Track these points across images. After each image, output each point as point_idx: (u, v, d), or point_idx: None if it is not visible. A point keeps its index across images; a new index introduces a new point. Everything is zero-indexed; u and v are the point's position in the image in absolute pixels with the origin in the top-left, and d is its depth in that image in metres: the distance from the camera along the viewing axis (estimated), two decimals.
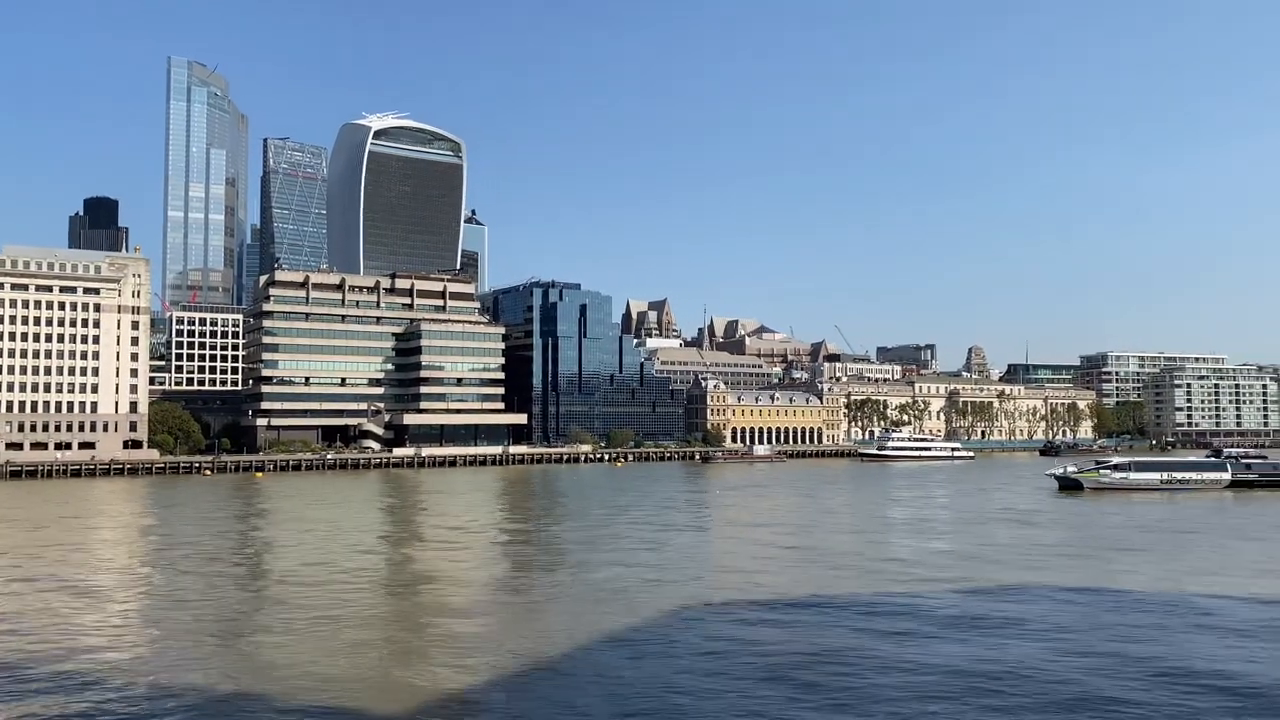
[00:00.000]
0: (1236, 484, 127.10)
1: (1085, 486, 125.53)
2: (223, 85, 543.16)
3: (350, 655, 40.21)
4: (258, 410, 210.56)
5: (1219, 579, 58.17)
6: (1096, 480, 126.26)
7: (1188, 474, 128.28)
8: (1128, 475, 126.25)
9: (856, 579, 58.61)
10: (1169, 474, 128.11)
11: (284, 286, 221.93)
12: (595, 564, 64.97)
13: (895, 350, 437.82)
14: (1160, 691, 34.08)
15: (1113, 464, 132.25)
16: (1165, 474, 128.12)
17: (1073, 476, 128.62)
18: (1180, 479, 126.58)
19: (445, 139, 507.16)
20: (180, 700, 33.81)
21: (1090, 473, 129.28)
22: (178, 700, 33.81)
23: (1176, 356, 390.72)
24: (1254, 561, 65.89)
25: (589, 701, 33.41)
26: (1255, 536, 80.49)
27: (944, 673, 36.36)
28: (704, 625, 45.01)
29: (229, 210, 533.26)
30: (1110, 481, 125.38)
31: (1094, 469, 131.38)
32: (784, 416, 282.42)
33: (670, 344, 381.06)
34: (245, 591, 56.43)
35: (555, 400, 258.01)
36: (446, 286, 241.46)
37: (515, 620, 47.51)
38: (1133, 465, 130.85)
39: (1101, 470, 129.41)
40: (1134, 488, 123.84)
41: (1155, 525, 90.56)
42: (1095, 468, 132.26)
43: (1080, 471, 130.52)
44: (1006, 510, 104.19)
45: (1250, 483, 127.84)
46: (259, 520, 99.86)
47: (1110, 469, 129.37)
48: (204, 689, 35.13)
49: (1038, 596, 52.11)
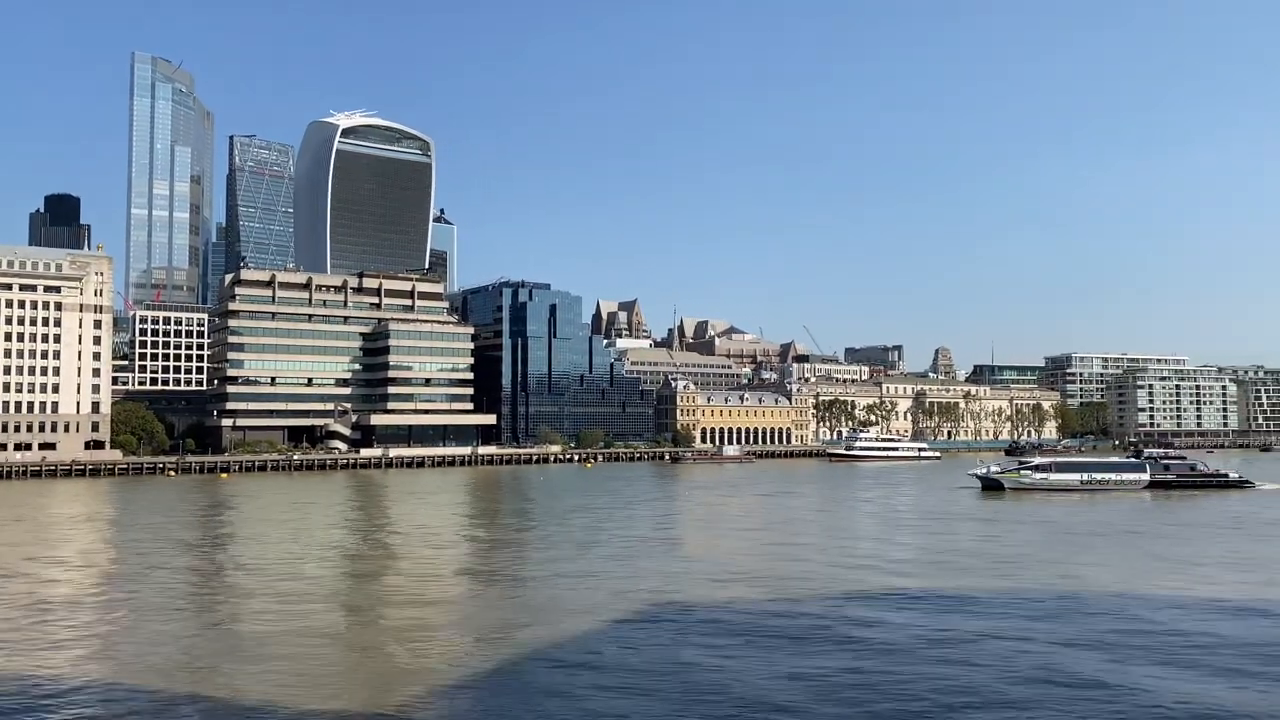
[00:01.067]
0: (1155, 485, 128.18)
1: (1006, 487, 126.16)
2: (188, 81, 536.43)
3: (307, 661, 39.83)
4: (223, 410, 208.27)
5: (1086, 581, 58.06)
6: (1017, 481, 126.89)
7: (1107, 475, 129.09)
8: (1048, 476, 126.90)
9: (700, 588, 57.82)
10: (1089, 475, 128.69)
11: (250, 285, 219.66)
12: (561, 568, 64.78)
13: (863, 351, 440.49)
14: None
15: (1033, 465, 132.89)
16: (1085, 475, 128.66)
17: (994, 477, 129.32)
18: (1100, 480, 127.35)
19: (414, 137, 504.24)
20: (134, 707, 33.34)
21: (1011, 474, 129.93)
22: (133, 708, 33.34)
23: (1139, 358, 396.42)
24: (1131, 562, 66.13)
25: (552, 710, 33.29)
26: (1153, 537, 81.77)
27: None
28: (669, 631, 45.02)
29: (194, 208, 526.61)
30: (1030, 482, 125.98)
31: (1015, 470, 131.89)
32: (753, 417, 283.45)
33: (640, 344, 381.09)
34: (203, 597, 55.77)
35: (525, 401, 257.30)
36: (415, 286, 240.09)
37: (475, 625, 47.28)
38: (1053, 466, 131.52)
39: (1022, 471, 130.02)
40: (1054, 488, 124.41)
41: (1047, 524, 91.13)
42: (1016, 469, 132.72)
43: (1002, 472, 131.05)
44: (924, 513, 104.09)
45: (1168, 483, 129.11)
46: (221, 522, 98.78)
47: (1031, 470, 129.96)
48: (159, 695, 34.63)
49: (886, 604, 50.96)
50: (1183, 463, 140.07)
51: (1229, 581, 58.00)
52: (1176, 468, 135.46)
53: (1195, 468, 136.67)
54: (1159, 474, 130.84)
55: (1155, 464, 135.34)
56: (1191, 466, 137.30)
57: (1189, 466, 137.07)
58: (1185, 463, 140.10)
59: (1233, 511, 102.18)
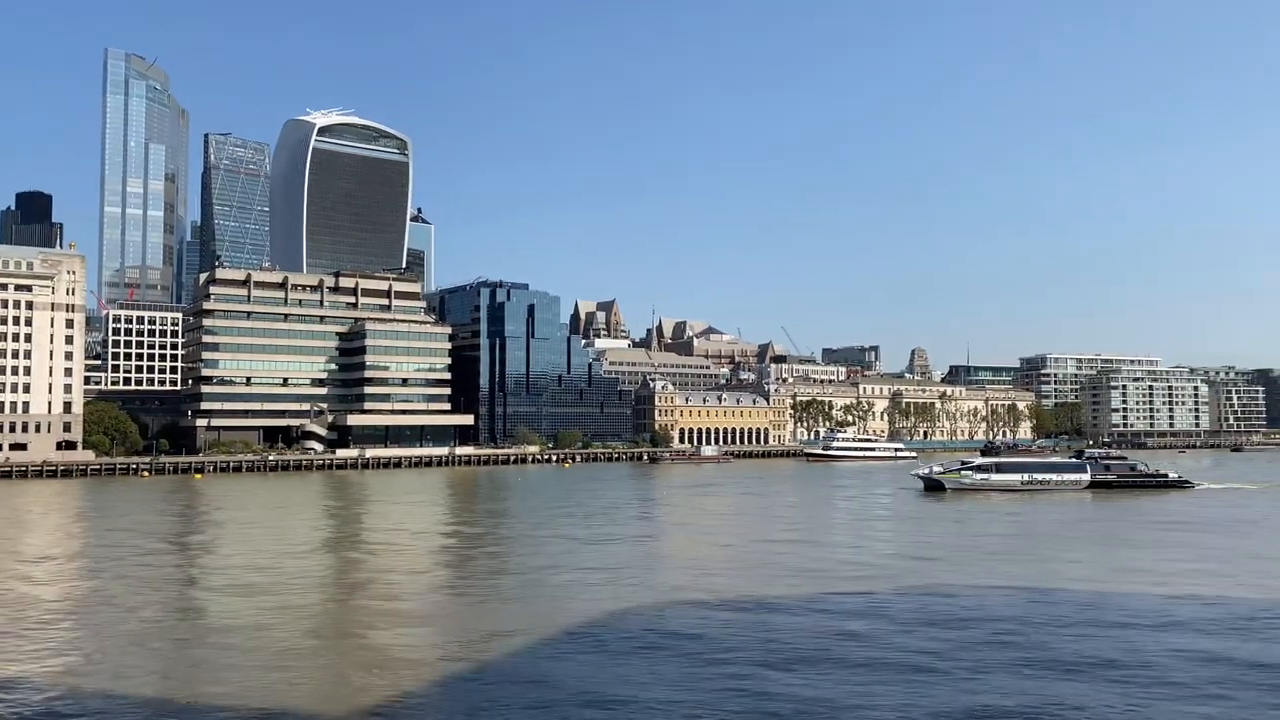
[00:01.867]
0: (1096, 485, 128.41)
1: (947, 487, 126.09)
2: (163, 79, 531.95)
3: (282, 662, 39.57)
4: (197, 411, 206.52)
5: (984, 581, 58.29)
6: (958, 481, 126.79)
7: (1048, 475, 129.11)
8: (989, 476, 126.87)
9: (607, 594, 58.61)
10: (1030, 475, 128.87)
11: (225, 285, 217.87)
12: (539, 567, 64.70)
13: (840, 352, 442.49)
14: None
15: (975, 465, 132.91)
16: (1026, 475, 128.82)
17: (936, 478, 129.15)
18: (1041, 480, 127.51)
19: (391, 136, 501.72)
20: (109, 709, 33.02)
21: (952, 474, 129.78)
22: (108, 709, 33.02)
23: (1113, 359, 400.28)
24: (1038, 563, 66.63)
25: (528, 705, 33.24)
26: (1077, 539, 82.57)
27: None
28: (645, 624, 45.05)
29: (168, 206, 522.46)
30: (972, 483, 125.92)
31: (956, 470, 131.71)
32: (731, 417, 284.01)
33: (619, 345, 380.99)
34: (176, 597, 55.30)
35: (502, 401, 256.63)
36: (392, 286, 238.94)
37: (453, 624, 47.15)
38: (995, 466, 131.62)
39: (963, 472, 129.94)
40: (995, 489, 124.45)
41: (962, 522, 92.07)
42: (958, 469, 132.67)
43: (943, 473, 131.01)
44: (854, 515, 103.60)
45: (1109, 484, 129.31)
46: (194, 523, 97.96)
47: (972, 470, 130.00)
48: (131, 698, 34.32)
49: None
50: (1123, 463, 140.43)
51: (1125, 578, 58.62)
52: (1117, 468, 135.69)
53: (1135, 468, 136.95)
54: (1100, 474, 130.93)
55: (1096, 464, 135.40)
56: (1132, 467, 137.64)
57: (1129, 467, 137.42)
58: (1125, 463, 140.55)
59: (1167, 510, 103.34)
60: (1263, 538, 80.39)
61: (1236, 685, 34.74)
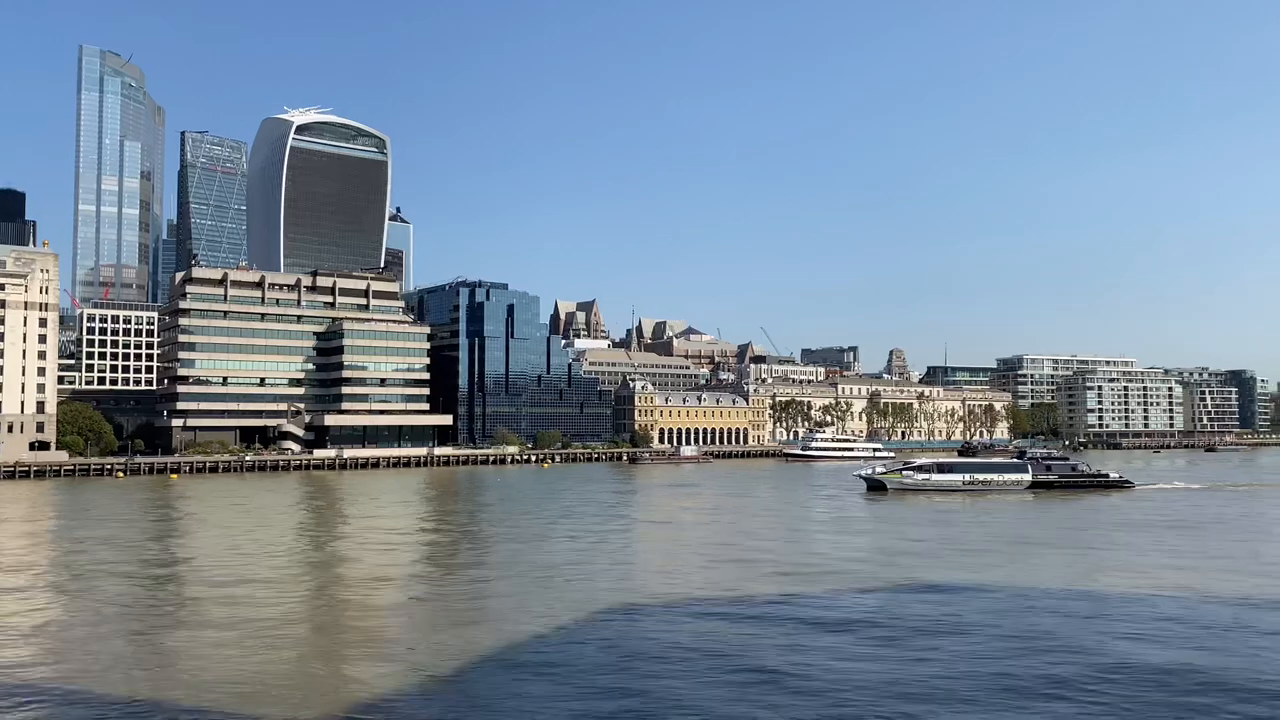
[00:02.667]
0: (1037, 485, 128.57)
1: (889, 488, 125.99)
2: (138, 76, 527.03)
3: (261, 663, 39.37)
4: (173, 411, 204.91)
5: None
6: (899, 482, 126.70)
7: (990, 475, 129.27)
8: (930, 477, 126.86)
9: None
10: (971, 475, 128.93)
11: (201, 284, 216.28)
12: (519, 566, 64.63)
13: (819, 352, 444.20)
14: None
15: (916, 465, 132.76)
16: (968, 475, 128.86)
17: (878, 478, 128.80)
18: (983, 480, 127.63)
19: (370, 135, 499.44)
20: (89, 709, 32.74)
21: (894, 474, 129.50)
22: (87, 709, 32.74)
23: (1088, 360, 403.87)
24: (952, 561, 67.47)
25: (508, 707, 33.24)
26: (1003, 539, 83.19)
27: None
28: (626, 625, 45.12)
29: (144, 205, 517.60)
30: (913, 483, 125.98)
31: (897, 471, 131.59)
32: (711, 417, 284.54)
33: (598, 345, 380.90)
34: (152, 597, 54.81)
35: (482, 401, 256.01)
36: (370, 285, 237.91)
37: (430, 628, 47.02)
38: (936, 467, 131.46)
39: (904, 472, 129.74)
40: (937, 489, 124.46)
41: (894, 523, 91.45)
42: (899, 470, 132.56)
43: (885, 474, 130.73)
44: (791, 517, 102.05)
45: (1050, 484, 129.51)
46: (168, 524, 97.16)
47: (913, 471, 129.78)
48: (112, 698, 34.04)
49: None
50: (1064, 463, 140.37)
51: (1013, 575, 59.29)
52: (1058, 468, 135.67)
53: (1076, 468, 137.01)
54: (1041, 474, 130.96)
55: (1037, 464, 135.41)
56: (1073, 467, 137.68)
57: (1070, 467, 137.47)
58: (1067, 463, 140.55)
59: (1098, 509, 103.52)
60: (1193, 538, 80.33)
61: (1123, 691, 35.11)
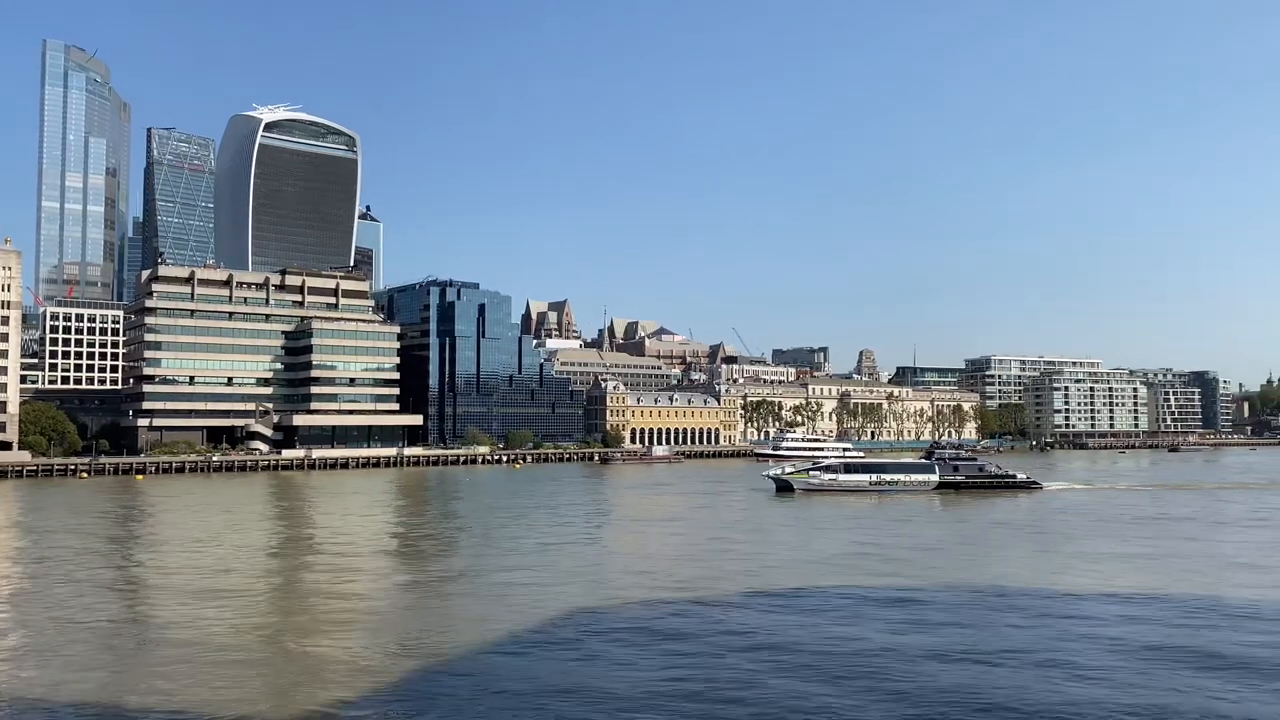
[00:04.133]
0: (944, 486, 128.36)
1: (796, 489, 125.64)
2: (103, 71, 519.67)
3: (222, 670, 38.97)
4: (139, 410, 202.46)
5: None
6: (805, 483, 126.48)
7: (896, 476, 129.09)
8: (837, 477, 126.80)
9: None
10: (878, 476, 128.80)
11: (168, 282, 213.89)
12: (486, 569, 64.40)
13: (790, 353, 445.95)
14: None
15: (823, 466, 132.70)
16: (874, 476, 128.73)
17: (785, 479, 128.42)
18: (889, 481, 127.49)
19: (339, 133, 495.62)
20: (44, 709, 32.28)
21: (800, 475, 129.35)
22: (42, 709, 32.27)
23: (1055, 361, 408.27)
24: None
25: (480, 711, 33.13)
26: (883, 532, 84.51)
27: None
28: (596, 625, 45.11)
29: (109, 202, 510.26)
30: (819, 484, 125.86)
31: (804, 471, 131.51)
32: (683, 417, 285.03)
33: (570, 345, 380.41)
34: (107, 605, 54.09)
35: (452, 401, 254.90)
36: (339, 284, 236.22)
37: (394, 626, 46.76)
38: (842, 467, 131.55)
39: (810, 473, 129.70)
40: (843, 490, 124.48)
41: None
42: (806, 470, 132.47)
43: (793, 474, 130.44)
44: (691, 521, 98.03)
45: (957, 485, 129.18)
46: (133, 526, 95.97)
47: (820, 471, 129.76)
48: (74, 706, 33.57)
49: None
50: (972, 464, 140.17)
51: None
52: (965, 469, 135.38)
53: (984, 469, 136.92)
54: (948, 475, 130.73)
55: (945, 465, 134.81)
56: (980, 468, 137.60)
57: (978, 468, 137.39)
58: (974, 464, 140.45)
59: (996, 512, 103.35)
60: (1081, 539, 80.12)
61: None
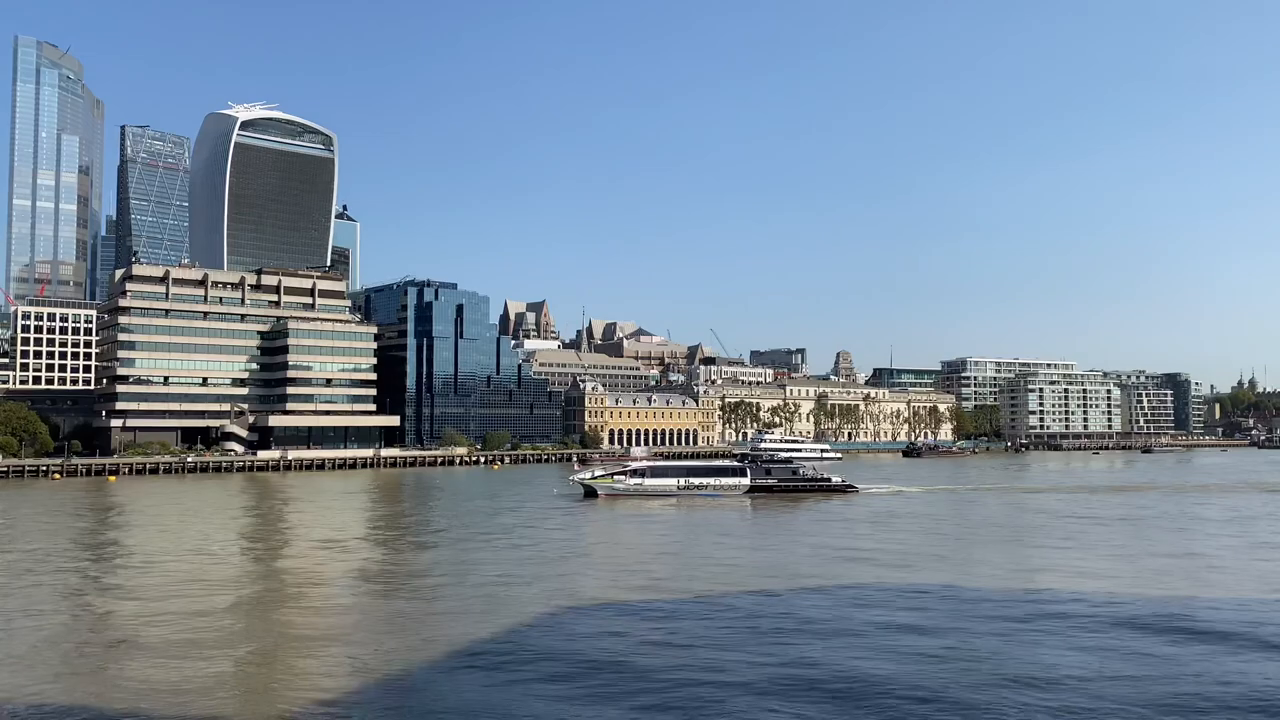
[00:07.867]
0: (756, 489, 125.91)
1: (600, 493, 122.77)
2: (76, 68, 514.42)
3: (197, 670, 38.70)
4: (112, 411, 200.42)
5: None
6: (611, 487, 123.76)
7: (706, 479, 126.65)
8: (643, 481, 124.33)
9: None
10: (686, 480, 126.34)
11: (142, 281, 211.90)
12: (464, 571, 64.25)
13: (768, 354, 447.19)
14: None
15: (630, 470, 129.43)
16: (682, 480, 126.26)
17: (590, 484, 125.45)
18: (699, 484, 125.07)
19: (316, 131, 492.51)
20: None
21: (605, 479, 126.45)
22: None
23: (1030, 362, 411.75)
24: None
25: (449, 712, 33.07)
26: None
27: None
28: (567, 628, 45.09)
29: (82, 200, 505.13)
30: (625, 488, 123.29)
31: (608, 476, 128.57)
32: (661, 418, 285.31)
33: (549, 346, 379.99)
34: (79, 609, 53.60)
35: (430, 402, 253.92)
36: (315, 284, 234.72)
37: (372, 631, 46.59)
38: (649, 471, 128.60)
39: (616, 477, 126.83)
40: (649, 494, 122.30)
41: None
42: (611, 474, 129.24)
43: (598, 478, 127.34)
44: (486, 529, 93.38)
45: (770, 488, 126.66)
46: (106, 527, 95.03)
47: (625, 475, 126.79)
48: (49, 711, 33.24)
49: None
50: (785, 467, 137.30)
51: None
52: (778, 472, 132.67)
53: (798, 472, 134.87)
54: (760, 478, 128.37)
55: (757, 468, 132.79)
56: (794, 470, 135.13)
57: (791, 470, 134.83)
58: (788, 467, 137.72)
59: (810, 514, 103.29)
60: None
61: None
